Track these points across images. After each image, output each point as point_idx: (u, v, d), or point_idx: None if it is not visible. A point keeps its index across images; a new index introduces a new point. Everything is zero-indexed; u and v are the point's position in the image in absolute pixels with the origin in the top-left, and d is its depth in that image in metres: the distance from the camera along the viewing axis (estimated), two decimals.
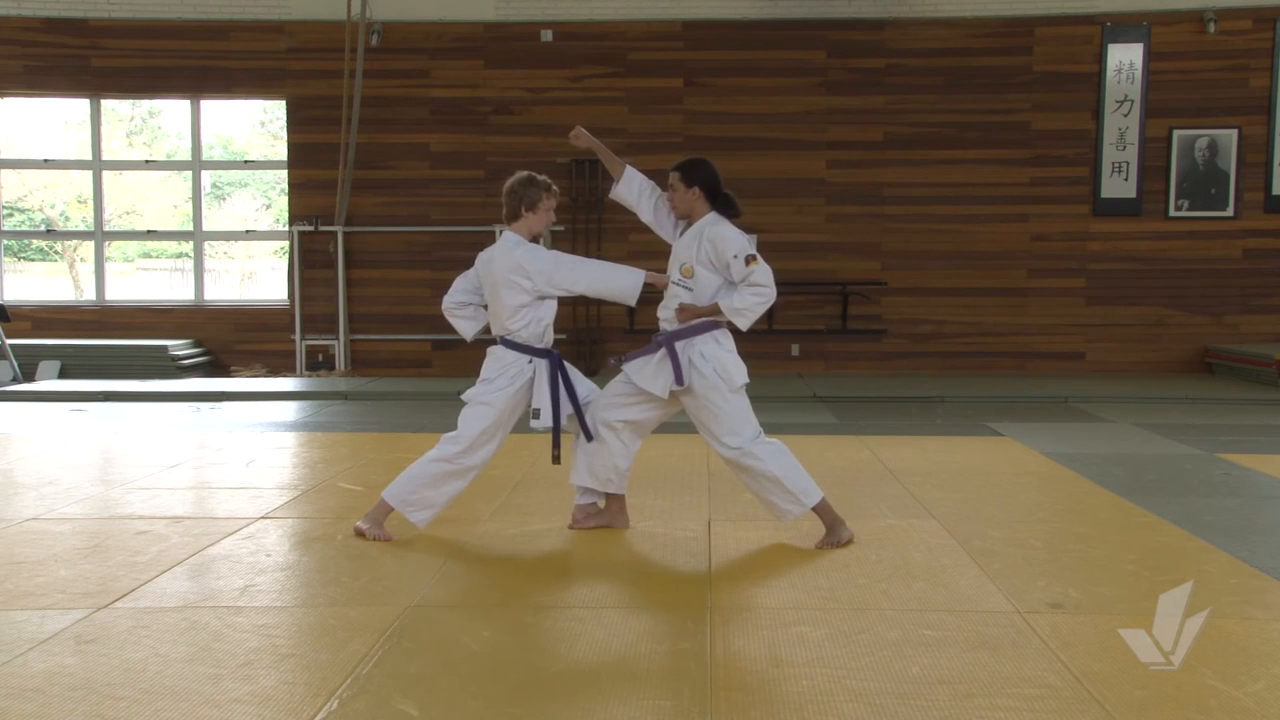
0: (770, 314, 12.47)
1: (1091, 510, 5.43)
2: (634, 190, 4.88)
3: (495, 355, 4.76)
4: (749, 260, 4.49)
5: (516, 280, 4.62)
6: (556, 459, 4.85)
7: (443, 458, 4.68)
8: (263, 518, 5.19)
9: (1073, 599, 3.93)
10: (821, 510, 4.67)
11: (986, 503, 5.57)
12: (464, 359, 12.11)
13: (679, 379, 4.56)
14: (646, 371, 4.66)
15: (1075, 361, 12.54)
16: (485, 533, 4.92)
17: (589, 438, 4.75)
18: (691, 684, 3.11)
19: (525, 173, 4.79)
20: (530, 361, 4.68)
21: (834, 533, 4.68)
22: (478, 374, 4.77)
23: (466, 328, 4.89)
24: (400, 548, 4.63)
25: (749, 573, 4.31)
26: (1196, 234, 12.39)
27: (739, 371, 4.64)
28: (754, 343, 13.42)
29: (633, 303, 4.76)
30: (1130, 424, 8.55)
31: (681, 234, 4.76)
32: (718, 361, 4.60)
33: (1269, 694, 3.05)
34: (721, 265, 4.57)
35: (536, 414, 4.65)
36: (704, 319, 4.61)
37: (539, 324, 4.69)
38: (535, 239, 4.79)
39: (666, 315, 4.69)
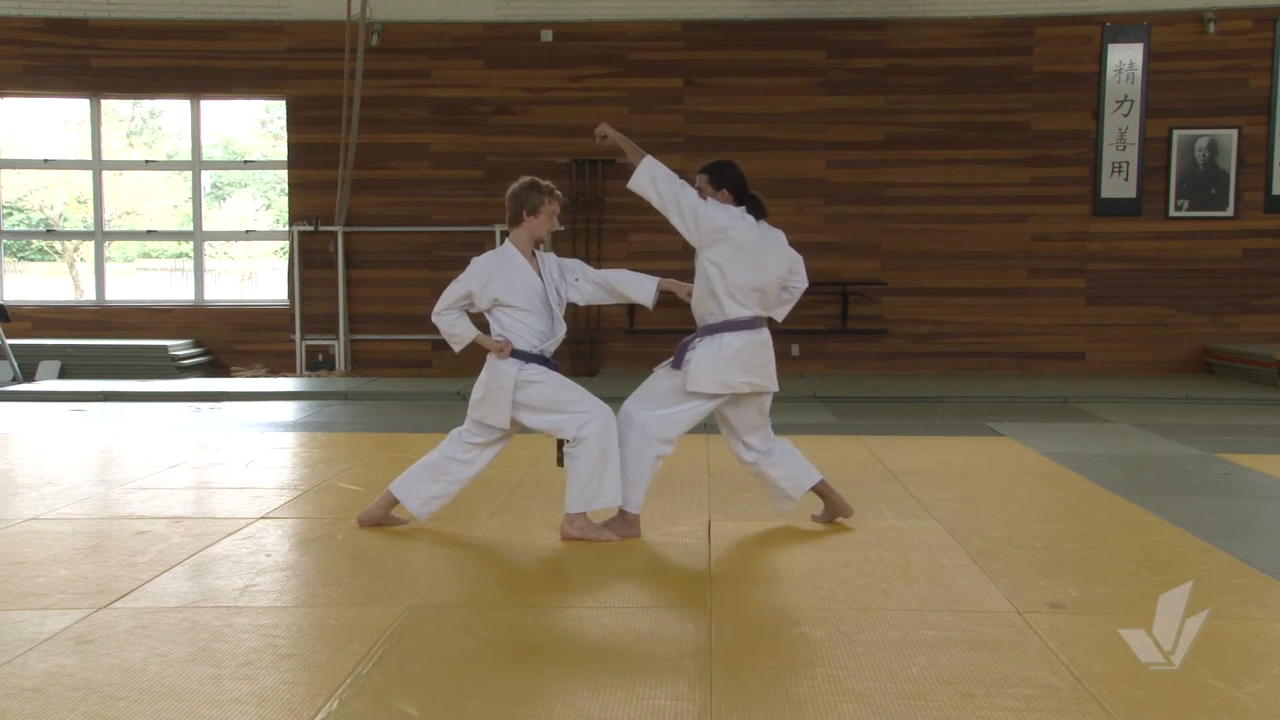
0: None
1: (1091, 510, 5.43)
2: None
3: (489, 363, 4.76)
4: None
5: None
6: (561, 461, 4.83)
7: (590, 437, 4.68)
8: (263, 518, 5.19)
9: (1073, 599, 3.93)
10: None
11: (986, 503, 5.57)
12: (464, 359, 11.89)
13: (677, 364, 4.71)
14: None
15: (1075, 361, 12.54)
16: (485, 533, 4.92)
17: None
18: (691, 684, 3.11)
19: (528, 177, 4.79)
20: (521, 369, 4.67)
21: (610, 528, 4.76)
22: (477, 374, 4.77)
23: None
24: (400, 548, 4.63)
25: (749, 573, 4.31)
26: (1196, 234, 12.39)
27: (706, 380, 4.64)
28: None
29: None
30: (1130, 424, 8.55)
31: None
32: (698, 360, 4.66)
33: (1269, 694, 3.05)
34: None
35: None
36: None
37: (507, 332, 4.69)
38: (538, 244, 4.80)
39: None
